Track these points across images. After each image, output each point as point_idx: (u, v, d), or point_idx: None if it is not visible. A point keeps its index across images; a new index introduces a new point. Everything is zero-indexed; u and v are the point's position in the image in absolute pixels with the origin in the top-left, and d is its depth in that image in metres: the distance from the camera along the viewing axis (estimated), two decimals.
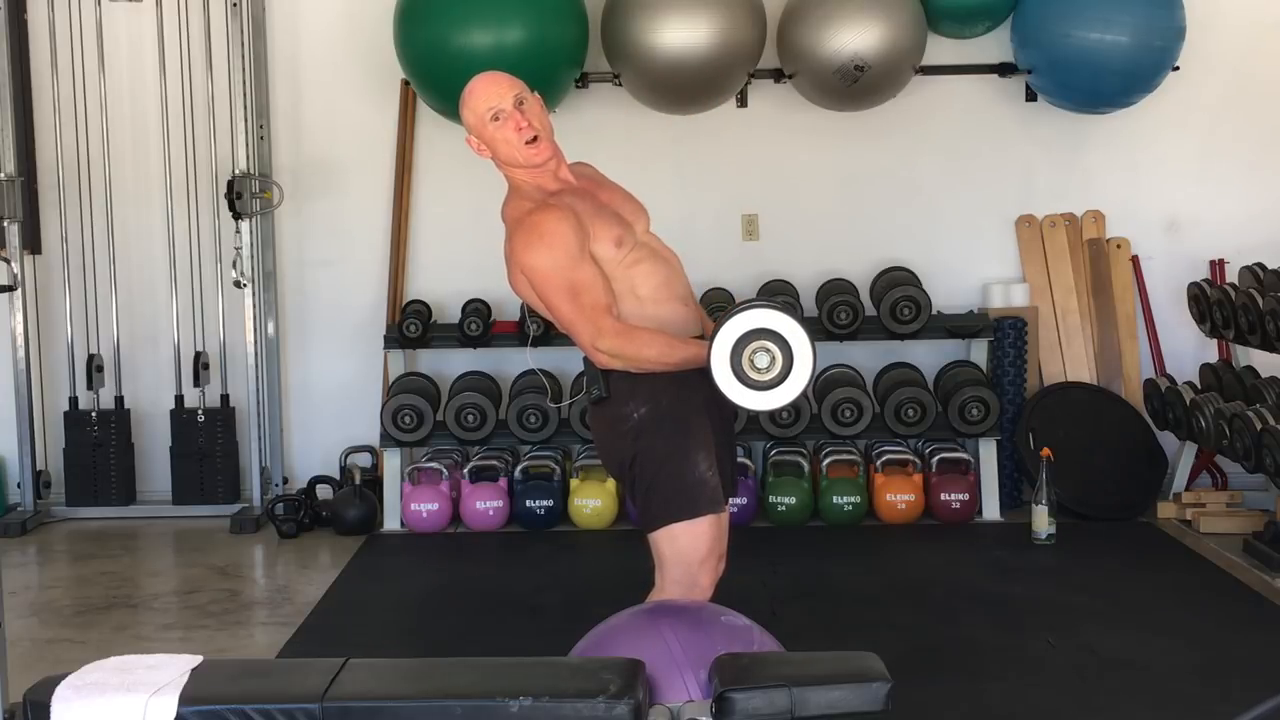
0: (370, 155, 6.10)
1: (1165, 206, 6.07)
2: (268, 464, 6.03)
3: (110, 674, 2.19)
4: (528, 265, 3.19)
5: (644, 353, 3.16)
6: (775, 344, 3.03)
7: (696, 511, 3.20)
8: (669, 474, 3.21)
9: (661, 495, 3.22)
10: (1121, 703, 3.77)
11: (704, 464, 3.23)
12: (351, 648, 3.81)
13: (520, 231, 3.21)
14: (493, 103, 3.25)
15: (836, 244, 6.11)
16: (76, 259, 6.04)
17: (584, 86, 5.84)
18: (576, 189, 3.30)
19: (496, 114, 3.24)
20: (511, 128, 3.24)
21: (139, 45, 6.00)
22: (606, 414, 3.29)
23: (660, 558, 3.27)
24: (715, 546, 3.25)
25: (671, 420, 3.23)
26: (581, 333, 3.18)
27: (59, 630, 4.58)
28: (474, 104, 3.29)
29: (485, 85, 3.30)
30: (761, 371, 3.03)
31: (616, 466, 3.36)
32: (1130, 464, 5.80)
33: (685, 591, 3.22)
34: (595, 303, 3.15)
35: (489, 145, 3.28)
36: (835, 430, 5.65)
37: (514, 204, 3.30)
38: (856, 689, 2.15)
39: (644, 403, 3.22)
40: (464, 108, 3.32)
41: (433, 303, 6.01)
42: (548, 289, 3.18)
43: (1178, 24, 5.59)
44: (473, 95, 3.30)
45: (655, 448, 3.22)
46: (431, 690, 2.17)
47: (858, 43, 5.49)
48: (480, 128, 3.28)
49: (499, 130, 3.25)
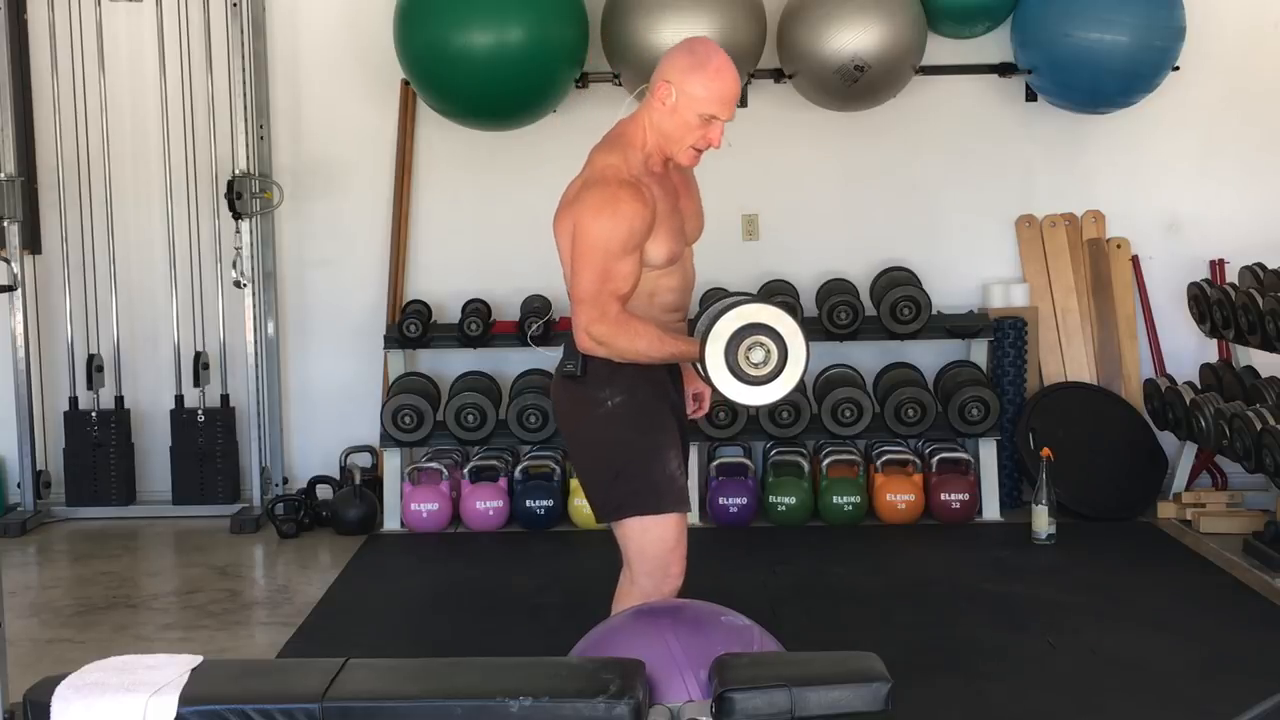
0: (370, 155, 6.10)
1: (1165, 206, 6.08)
2: (268, 464, 6.03)
3: (110, 674, 2.19)
4: (584, 225, 3.13)
5: (634, 344, 3.14)
6: (770, 339, 3.03)
7: (663, 508, 3.23)
8: (640, 466, 3.22)
9: (630, 486, 3.23)
10: (1121, 703, 3.77)
11: (674, 462, 3.25)
12: (351, 648, 3.82)
13: (597, 189, 3.14)
14: (719, 110, 3.15)
15: (836, 244, 6.11)
16: (76, 259, 6.04)
17: (584, 86, 5.84)
18: (668, 185, 3.26)
19: (714, 117, 3.15)
20: (714, 135, 3.17)
21: (139, 45, 6.00)
22: (578, 393, 3.28)
23: (629, 549, 3.30)
24: (682, 535, 3.29)
25: (647, 414, 3.24)
26: (584, 312, 3.15)
27: (59, 630, 4.58)
28: (710, 89, 3.13)
29: (731, 86, 3.15)
30: (757, 366, 3.04)
31: (579, 446, 3.36)
32: (1130, 464, 5.80)
33: (658, 582, 3.25)
34: (615, 291, 3.13)
35: (675, 117, 3.15)
36: (835, 430, 5.65)
37: (611, 156, 3.19)
38: (856, 689, 2.15)
39: (620, 391, 3.22)
40: (695, 76, 3.13)
41: (433, 303, 6.02)
42: (585, 257, 3.13)
43: (1178, 24, 5.59)
44: (717, 81, 3.13)
45: (630, 439, 3.23)
46: (431, 690, 2.17)
47: (858, 43, 5.49)
48: (690, 105, 3.13)
49: (702, 127, 3.16)
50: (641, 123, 3.23)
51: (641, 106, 3.24)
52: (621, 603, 3.32)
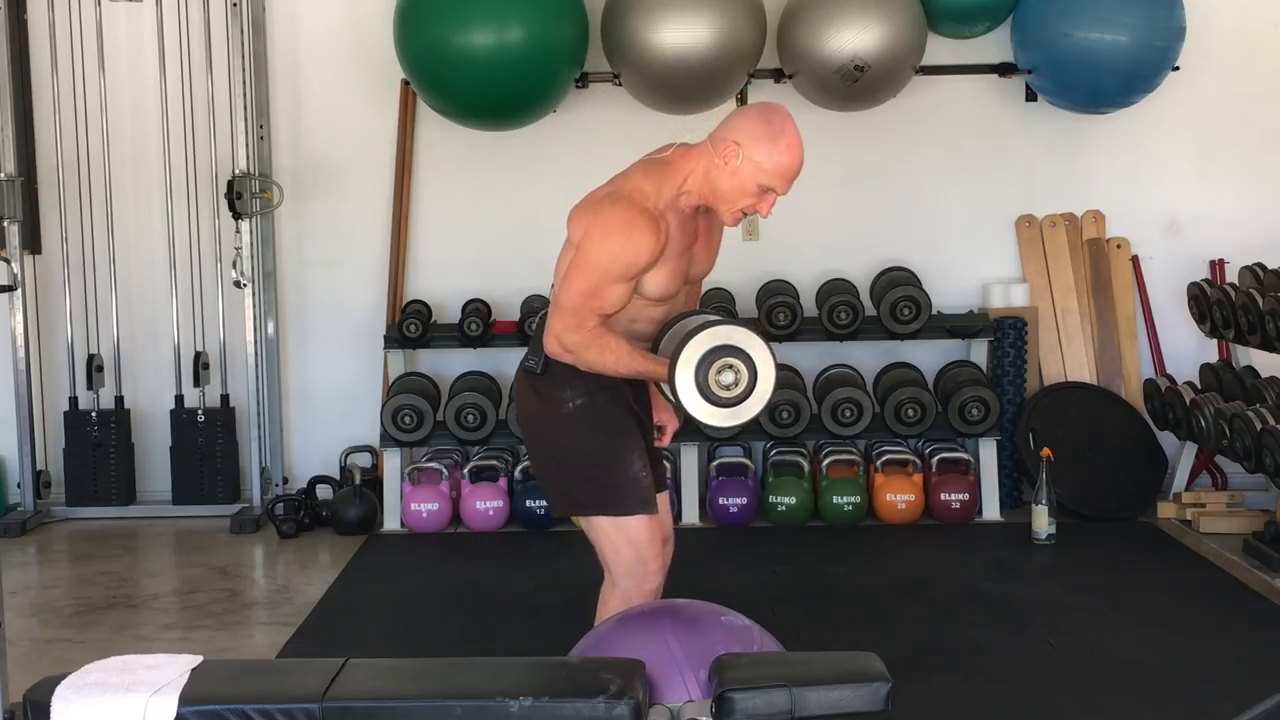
0: (370, 155, 6.10)
1: (1165, 206, 6.08)
2: (268, 464, 6.03)
3: (110, 674, 2.20)
4: (592, 238, 3.12)
5: (602, 358, 3.14)
6: (740, 361, 3.03)
7: (626, 510, 3.24)
8: (603, 470, 3.25)
9: (594, 488, 3.25)
10: (1121, 703, 3.77)
11: (638, 464, 3.26)
12: (351, 648, 3.82)
13: (619, 208, 3.11)
14: (779, 185, 3.11)
15: (836, 244, 6.11)
16: (76, 259, 6.04)
17: (584, 86, 5.84)
18: (689, 228, 3.22)
19: (770, 190, 3.11)
20: (765, 205, 3.13)
21: (139, 45, 6.00)
22: (539, 389, 3.31)
23: (604, 552, 3.32)
24: (657, 532, 3.30)
25: (606, 417, 3.25)
26: (562, 319, 3.15)
27: (59, 630, 4.58)
28: (778, 163, 3.08)
29: (798, 165, 3.11)
30: (728, 389, 3.04)
31: (538, 443, 3.39)
32: (1130, 464, 5.80)
33: (639, 581, 3.27)
34: (598, 309, 3.13)
35: (733, 179, 3.09)
36: (835, 430, 5.65)
37: (647, 181, 3.15)
38: (856, 689, 2.16)
39: (580, 394, 3.24)
40: (765, 146, 3.07)
41: (433, 303, 6.02)
42: (581, 269, 3.12)
43: (1178, 24, 5.59)
44: (787, 156, 3.08)
45: (592, 440, 3.25)
46: (431, 690, 2.17)
47: (858, 43, 5.49)
48: (752, 173, 3.08)
49: (756, 195, 3.11)
50: (694, 166, 3.16)
51: (700, 149, 3.17)
52: (605, 605, 3.33)
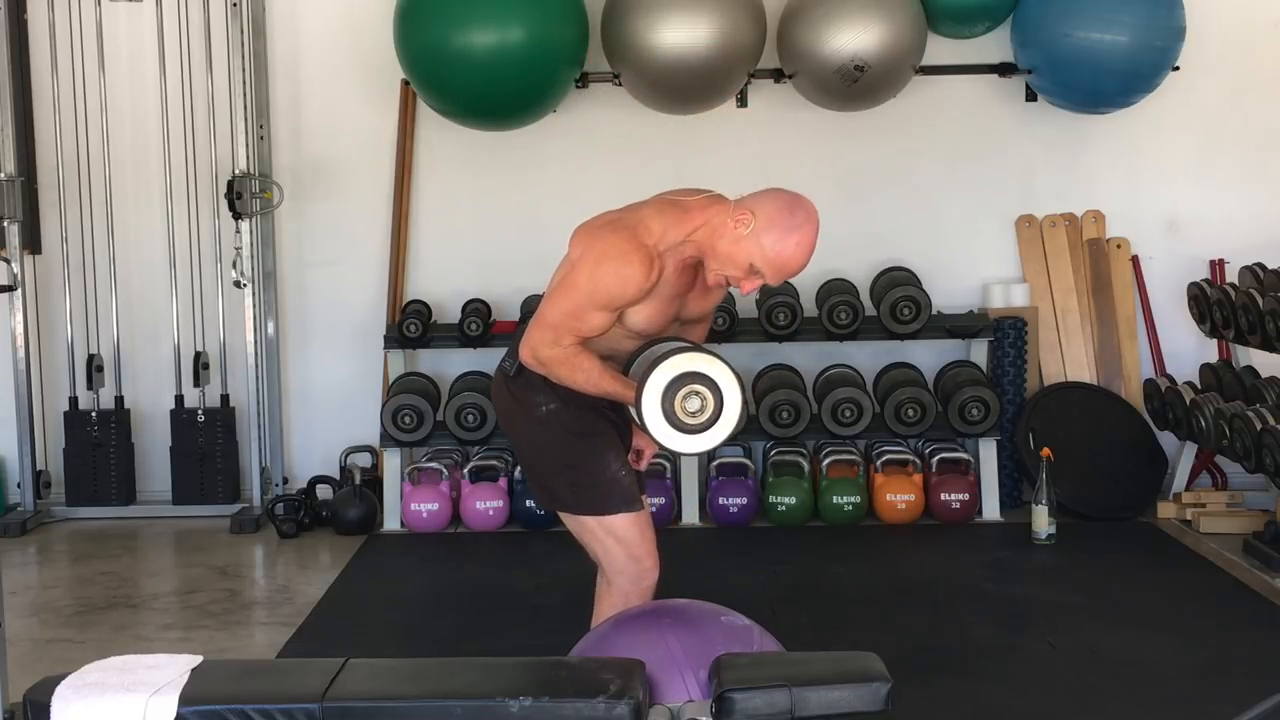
0: (370, 155, 6.09)
1: (1165, 206, 6.07)
2: (268, 464, 6.03)
3: (110, 674, 2.20)
4: (586, 261, 3.14)
5: (573, 376, 3.18)
6: (707, 388, 3.03)
7: (608, 509, 3.28)
8: (583, 471, 3.29)
9: (571, 487, 3.31)
10: (1121, 703, 3.77)
11: (615, 463, 3.30)
12: (351, 648, 3.83)
13: (619, 237, 3.12)
14: (770, 275, 3.12)
15: (836, 244, 6.02)
16: (76, 259, 6.04)
17: (584, 86, 5.84)
18: (686, 276, 3.21)
19: (759, 274, 3.12)
20: (749, 285, 3.14)
21: (139, 45, 6.00)
22: (515, 391, 3.35)
23: (596, 553, 3.36)
24: (646, 528, 3.32)
25: (580, 419, 3.29)
26: (540, 333, 3.20)
27: (59, 630, 4.58)
28: (779, 254, 3.09)
29: (799, 266, 3.15)
30: (694, 415, 3.04)
31: (519, 442, 3.45)
32: (1130, 464, 5.80)
33: (634, 578, 3.29)
34: (578, 330, 3.17)
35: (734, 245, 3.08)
36: (835, 430, 5.65)
37: (656, 221, 3.15)
38: (856, 689, 2.16)
39: (553, 400, 3.28)
40: (775, 234, 3.08)
41: (433, 303, 6.01)
42: (568, 289, 3.16)
43: (1178, 24, 5.59)
44: (791, 253, 3.11)
45: (568, 442, 3.29)
46: (431, 690, 2.17)
47: (858, 43, 5.49)
48: (752, 249, 3.07)
49: (745, 272, 3.11)
50: (708, 219, 3.15)
51: (722, 206, 3.17)
52: (602, 604, 3.36)
